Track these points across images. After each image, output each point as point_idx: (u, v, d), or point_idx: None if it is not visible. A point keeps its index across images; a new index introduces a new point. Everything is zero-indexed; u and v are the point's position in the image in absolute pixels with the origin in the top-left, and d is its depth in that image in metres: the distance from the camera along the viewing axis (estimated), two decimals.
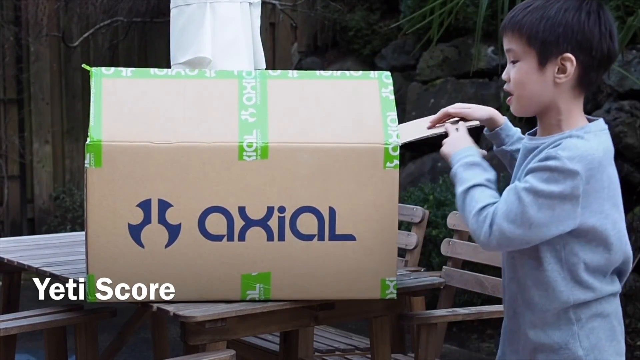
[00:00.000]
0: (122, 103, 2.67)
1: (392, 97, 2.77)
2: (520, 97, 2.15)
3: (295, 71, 2.83)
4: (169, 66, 3.88)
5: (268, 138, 2.65)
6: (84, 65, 2.79)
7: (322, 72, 2.84)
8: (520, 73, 2.12)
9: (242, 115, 2.69)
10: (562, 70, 2.05)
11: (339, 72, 2.84)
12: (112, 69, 2.74)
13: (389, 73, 2.84)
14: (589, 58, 2.03)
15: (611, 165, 2.07)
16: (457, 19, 5.81)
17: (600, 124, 2.09)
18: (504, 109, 5.19)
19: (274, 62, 7.98)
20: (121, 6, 7.32)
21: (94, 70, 2.72)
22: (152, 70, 2.76)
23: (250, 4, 3.85)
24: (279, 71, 2.81)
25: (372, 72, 2.84)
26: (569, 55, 2.03)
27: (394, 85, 3.10)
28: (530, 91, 2.12)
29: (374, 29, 7.53)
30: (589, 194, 2.01)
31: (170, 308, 2.63)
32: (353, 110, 2.74)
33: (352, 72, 2.85)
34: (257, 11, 3.93)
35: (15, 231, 7.33)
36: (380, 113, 2.73)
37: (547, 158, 2.01)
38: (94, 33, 7.42)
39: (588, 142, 2.02)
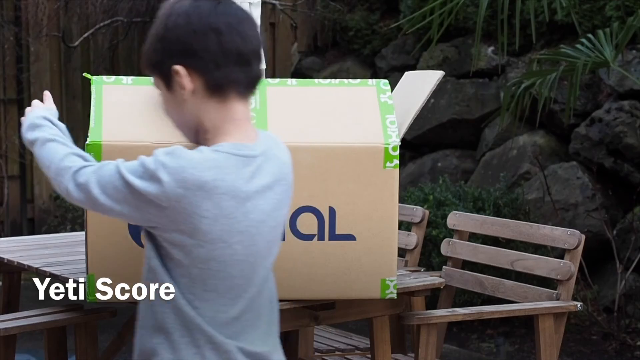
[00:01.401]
0: (122, 106, 2.68)
1: (391, 102, 2.78)
2: (176, 127, 1.93)
3: (293, 79, 2.85)
4: None
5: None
6: (85, 74, 2.80)
7: (320, 80, 2.87)
8: (162, 103, 1.91)
9: None
10: (181, 85, 1.83)
11: (337, 80, 2.86)
12: (113, 77, 2.76)
13: (386, 80, 2.85)
14: (198, 61, 1.81)
15: (229, 199, 1.78)
16: (457, 19, 5.81)
17: (240, 148, 1.82)
18: (504, 110, 5.19)
19: (274, 62, 7.97)
20: (121, 6, 7.32)
21: (94, 79, 2.72)
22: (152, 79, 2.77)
23: (250, 4, 3.85)
24: (277, 79, 2.83)
25: (370, 79, 2.85)
26: (176, 67, 1.82)
27: (394, 85, 3.10)
28: (175, 118, 1.91)
29: (374, 29, 7.52)
30: (179, 212, 1.78)
31: None
32: (352, 113, 2.75)
33: (350, 80, 2.86)
34: (257, 11, 3.92)
35: (15, 231, 7.33)
36: (379, 116, 2.74)
37: (153, 154, 1.82)
38: (94, 33, 7.41)
39: (202, 158, 1.78)
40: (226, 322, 1.83)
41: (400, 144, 2.71)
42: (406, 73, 3.12)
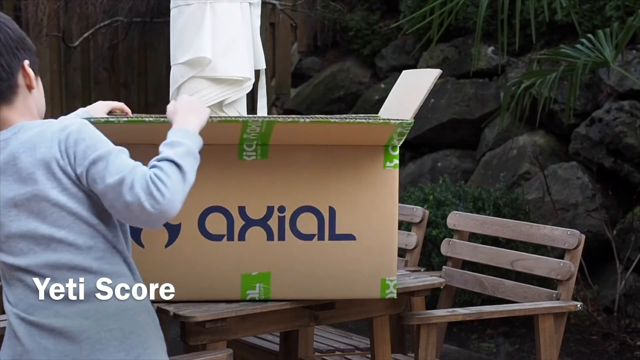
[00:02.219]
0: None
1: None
2: None
3: (307, 117, 2.58)
4: (168, 66, 3.88)
5: (269, 140, 2.65)
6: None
7: (335, 118, 2.62)
8: None
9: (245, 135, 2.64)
10: None
11: (358, 118, 2.63)
12: (103, 119, 2.59)
13: (412, 122, 2.61)
14: None
15: None
16: (457, 19, 5.81)
17: None
18: (504, 110, 5.19)
19: (274, 62, 7.97)
20: (121, 6, 7.31)
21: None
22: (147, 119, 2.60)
23: (250, 4, 3.85)
24: (290, 118, 2.60)
25: (394, 120, 2.60)
26: None
27: (393, 84, 3.10)
28: None
29: (374, 29, 7.52)
30: None
31: (170, 308, 2.63)
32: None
33: (371, 119, 2.63)
34: (257, 11, 3.92)
35: None
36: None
37: None
38: (94, 33, 7.41)
39: None
40: (5, 292, 2.11)
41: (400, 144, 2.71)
42: (404, 72, 3.11)
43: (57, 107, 7.49)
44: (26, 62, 2.14)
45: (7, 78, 2.11)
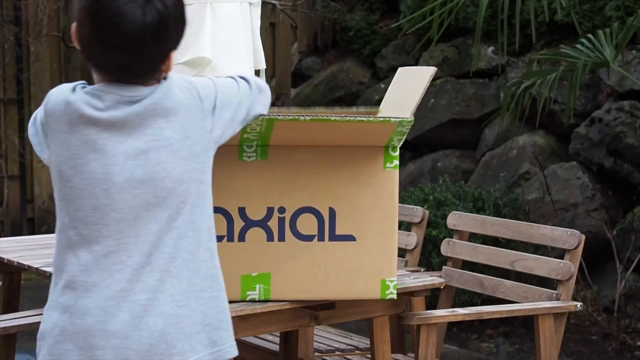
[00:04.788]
0: None
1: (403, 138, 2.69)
2: None
3: (307, 115, 2.57)
4: None
5: (269, 141, 2.64)
6: None
7: (336, 116, 2.58)
8: None
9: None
10: None
11: (357, 116, 2.60)
12: (290, 116, 2.56)
13: (412, 120, 2.64)
14: None
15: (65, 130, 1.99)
16: (457, 19, 5.81)
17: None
18: (504, 110, 5.20)
19: (274, 62, 7.97)
20: None
21: None
22: None
23: (250, 4, 3.85)
24: (290, 115, 2.56)
25: (394, 117, 2.61)
26: None
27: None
28: None
29: (374, 29, 7.53)
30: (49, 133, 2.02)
31: None
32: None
33: (374, 116, 2.63)
34: (257, 11, 3.93)
35: (15, 231, 7.32)
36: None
37: None
38: None
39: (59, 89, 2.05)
40: None
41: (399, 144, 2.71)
42: (400, 69, 3.11)
43: None
44: (174, 54, 2.04)
45: (148, 70, 1.99)
